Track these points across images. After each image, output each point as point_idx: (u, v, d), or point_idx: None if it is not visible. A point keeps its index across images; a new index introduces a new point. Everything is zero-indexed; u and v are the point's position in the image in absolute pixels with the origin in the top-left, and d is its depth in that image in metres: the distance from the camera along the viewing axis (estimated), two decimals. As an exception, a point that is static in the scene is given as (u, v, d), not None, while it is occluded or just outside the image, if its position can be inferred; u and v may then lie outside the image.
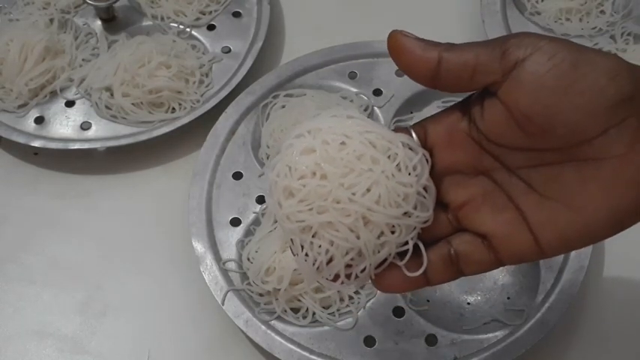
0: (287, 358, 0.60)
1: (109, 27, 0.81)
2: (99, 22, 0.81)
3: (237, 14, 0.82)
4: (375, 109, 0.73)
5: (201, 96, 0.75)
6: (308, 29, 0.84)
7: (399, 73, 0.75)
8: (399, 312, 0.62)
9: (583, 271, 0.62)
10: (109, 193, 0.74)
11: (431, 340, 0.61)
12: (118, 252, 0.70)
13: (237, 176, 0.70)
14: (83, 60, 0.78)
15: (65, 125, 0.75)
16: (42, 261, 0.70)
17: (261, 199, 0.69)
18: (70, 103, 0.76)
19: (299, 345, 0.61)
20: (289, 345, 0.60)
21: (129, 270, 0.69)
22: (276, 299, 0.62)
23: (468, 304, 0.63)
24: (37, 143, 0.73)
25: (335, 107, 0.70)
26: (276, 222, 0.64)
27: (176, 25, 0.80)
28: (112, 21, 0.81)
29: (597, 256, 0.66)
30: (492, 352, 0.59)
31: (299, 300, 0.62)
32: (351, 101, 0.73)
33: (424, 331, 0.61)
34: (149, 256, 0.69)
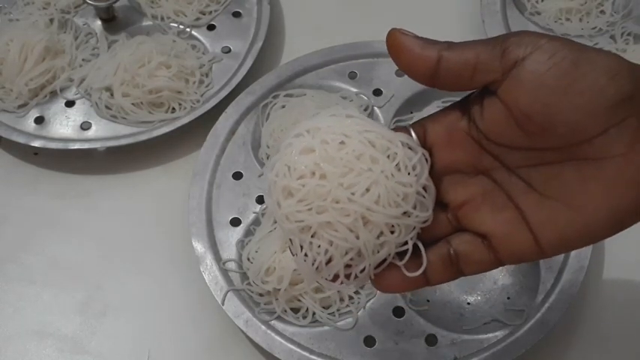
0: (287, 358, 0.60)
1: (109, 27, 0.81)
2: (99, 22, 0.81)
3: (237, 14, 0.82)
4: (375, 109, 0.73)
5: (201, 96, 0.75)
6: (308, 29, 0.84)
7: (399, 73, 0.75)
8: (399, 312, 0.62)
9: (583, 271, 0.62)
10: (109, 193, 0.74)
11: (431, 340, 0.61)
12: (118, 252, 0.70)
13: (237, 176, 0.70)
14: (83, 60, 0.78)
15: (65, 125, 0.75)
16: (42, 261, 0.70)
17: (261, 199, 0.69)
18: (70, 103, 0.76)
19: (299, 345, 0.61)
20: (289, 345, 0.60)
21: (129, 270, 0.69)
22: (276, 299, 0.62)
23: (468, 304, 0.63)
24: (37, 143, 0.73)
25: (334, 106, 0.70)
26: (276, 222, 0.64)
27: (176, 25, 0.80)
28: (112, 21, 0.81)
29: (597, 256, 0.66)
30: (492, 352, 0.59)
31: (299, 300, 0.62)
32: (351, 101, 0.73)
33: (424, 331, 0.61)
34: (149, 256, 0.69)
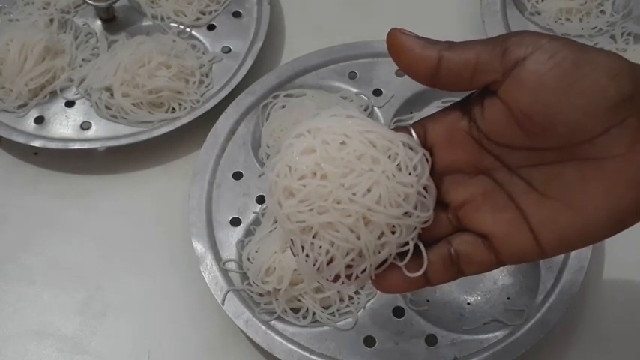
0: (287, 358, 0.60)
1: (109, 27, 0.81)
2: (99, 22, 0.81)
3: (237, 14, 0.82)
4: (375, 109, 0.73)
5: (201, 96, 0.75)
6: (308, 29, 0.84)
7: (399, 73, 0.75)
8: (399, 312, 0.62)
9: (583, 271, 0.62)
10: (109, 193, 0.74)
11: (431, 340, 0.61)
12: (118, 252, 0.70)
13: (237, 176, 0.70)
14: (83, 60, 0.78)
15: (65, 125, 0.75)
16: (42, 261, 0.70)
17: (261, 199, 0.69)
18: (70, 103, 0.76)
19: (299, 345, 0.61)
20: (289, 345, 0.60)
21: (129, 270, 0.69)
22: (276, 299, 0.62)
23: (468, 304, 0.63)
24: (37, 143, 0.73)
25: (335, 107, 0.70)
26: (276, 222, 0.64)
27: (176, 25, 0.80)
28: (112, 21, 0.81)
29: (597, 256, 0.66)
30: (492, 352, 0.59)
31: (299, 300, 0.62)
32: (351, 101, 0.73)
33: (424, 331, 0.61)
34: (149, 256, 0.69)
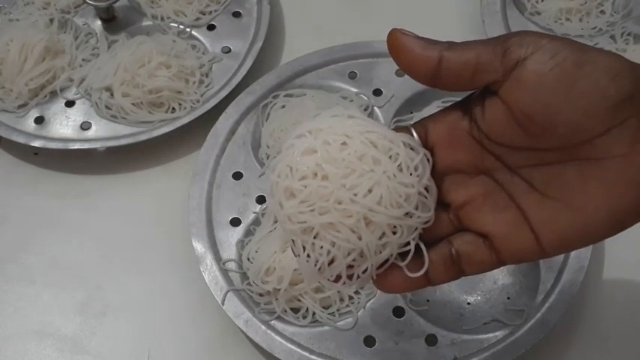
0: (287, 358, 0.60)
1: (109, 27, 0.81)
2: (99, 22, 0.81)
3: (237, 14, 0.82)
4: (375, 109, 0.73)
5: (201, 96, 0.75)
6: (308, 29, 0.84)
7: (399, 73, 0.75)
8: (399, 312, 0.62)
9: (583, 271, 0.62)
10: (109, 193, 0.74)
11: (431, 340, 0.61)
12: (118, 252, 0.70)
13: (237, 176, 0.70)
14: (83, 60, 0.78)
15: (65, 125, 0.75)
16: (42, 261, 0.70)
17: (261, 199, 0.69)
18: (70, 103, 0.76)
19: (299, 345, 0.61)
20: (289, 345, 0.60)
21: (129, 270, 0.69)
22: (276, 299, 0.62)
23: (468, 304, 0.63)
24: (37, 143, 0.73)
25: (335, 107, 0.70)
26: (276, 222, 0.64)
27: (176, 25, 0.80)
28: (112, 21, 0.81)
29: (597, 256, 0.66)
30: (492, 352, 0.59)
31: (299, 300, 0.62)
32: (351, 101, 0.73)
33: (424, 331, 0.61)
34: (149, 256, 0.69)
